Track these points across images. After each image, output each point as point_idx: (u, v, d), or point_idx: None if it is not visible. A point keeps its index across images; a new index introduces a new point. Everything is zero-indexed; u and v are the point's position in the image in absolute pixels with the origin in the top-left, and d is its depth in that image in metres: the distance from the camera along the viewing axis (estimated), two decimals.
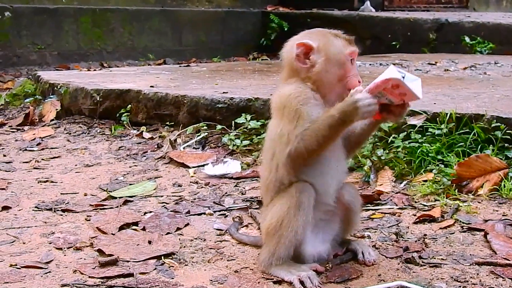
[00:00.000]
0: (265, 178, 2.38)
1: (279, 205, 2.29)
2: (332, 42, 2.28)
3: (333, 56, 2.26)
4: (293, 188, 2.27)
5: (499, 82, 5.17)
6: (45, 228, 2.87)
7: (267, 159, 2.36)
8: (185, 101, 4.64)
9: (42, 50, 8.58)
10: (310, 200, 2.27)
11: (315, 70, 2.26)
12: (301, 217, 2.26)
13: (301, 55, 2.27)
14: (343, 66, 2.26)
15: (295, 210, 2.25)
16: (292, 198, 2.26)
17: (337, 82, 2.27)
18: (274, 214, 2.30)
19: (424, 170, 3.41)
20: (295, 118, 2.20)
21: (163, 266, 2.44)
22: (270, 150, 2.34)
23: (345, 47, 2.27)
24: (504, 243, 2.58)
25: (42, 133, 4.91)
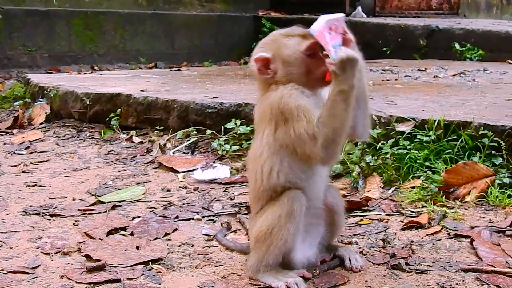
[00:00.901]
0: (257, 187, 2.35)
1: (270, 213, 2.29)
2: (284, 44, 2.29)
3: (288, 57, 2.27)
4: (284, 196, 2.27)
5: (488, 89, 5.20)
6: (32, 233, 2.86)
7: (256, 167, 2.33)
8: (175, 105, 4.65)
9: (32, 52, 8.56)
10: (302, 209, 2.27)
11: (278, 76, 2.28)
12: (292, 226, 2.26)
13: (262, 68, 2.30)
14: (303, 63, 2.27)
15: (286, 219, 2.25)
16: (283, 207, 2.25)
17: (306, 78, 2.27)
18: (264, 222, 2.30)
19: (412, 176, 3.43)
20: (302, 114, 2.17)
21: (151, 271, 2.44)
22: (261, 158, 2.30)
23: (299, 44, 2.27)
24: (490, 250, 2.59)
25: (31, 137, 4.90)
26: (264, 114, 2.29)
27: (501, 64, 7.83)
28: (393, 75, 6.45)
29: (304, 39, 2.28)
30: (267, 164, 2.29)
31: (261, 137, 2.30)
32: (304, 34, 2.29)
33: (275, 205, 2.28)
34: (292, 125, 2.19)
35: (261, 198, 2.35)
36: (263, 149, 2.29)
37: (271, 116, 2.25)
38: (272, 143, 2.27)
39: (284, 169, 2.27)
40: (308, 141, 2.16)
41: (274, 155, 2.27)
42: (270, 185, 2.30)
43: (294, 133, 2.19)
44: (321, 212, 2.42)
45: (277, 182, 2.29)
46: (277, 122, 2.23)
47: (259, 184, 2.33)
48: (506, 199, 3.13)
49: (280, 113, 2.21)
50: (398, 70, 6.95)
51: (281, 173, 2.28)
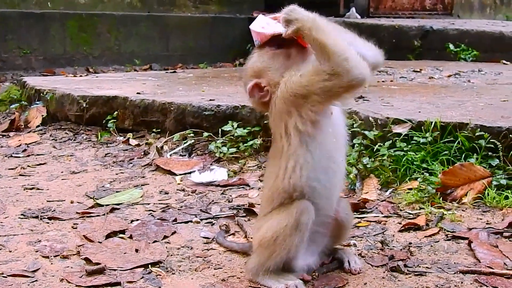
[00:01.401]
0: (274, 186, 2.32)
1: (276, 220, 2.28)
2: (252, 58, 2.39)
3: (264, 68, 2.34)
4: (294, 207, 2.26)
5: (483, 90, 5.22)
6: (31, 236, 2.86)
7: (279, 164, 2.30)
8: (172, 108, 4.65)
9: (27, 54, 8.54)
10: (309, 222, 2.27)
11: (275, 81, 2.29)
12: (296, 237, 2.26)
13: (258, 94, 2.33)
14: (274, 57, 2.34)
15: (292, 230, 2.25)
16: (291, 217, 2.25)
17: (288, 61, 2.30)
18: (270, 228, 2.29)
19: (409, 178, 3.45)
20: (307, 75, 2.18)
21: (150, 274, 2.44)
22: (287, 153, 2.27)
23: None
24: (488, 252, 2.61)
25: (28, 140, 4.90)
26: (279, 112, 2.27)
27: (496, 64, 7.86)
28: (389, 76, 6.47)
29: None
30: (292, 158, 2.25)
31: (285, 133, 2.26)
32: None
33: (283, 213, 2.28)
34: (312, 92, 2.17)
35: (276, 199, 2.32)
36: (289, 144, 2.25)
37: (288, 108, 2.23)
38: (296, 134, 2.24)
39: (307, 164, 2.24)
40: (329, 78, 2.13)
41: (299, 148, 2.23)
42: (291, 184, 2.26)
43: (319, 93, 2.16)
44: (330, 221, 2.42)
45: (298, 182, 2.26)
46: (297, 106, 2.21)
47: (279, 182, 2.29)
48: (503, 200, 3.15)
49: (294, 96, 2.20)
50: (393, 71, 6.97)
51: (304, 170, 2.24)
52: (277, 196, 2.32)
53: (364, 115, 3.87)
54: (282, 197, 2.31)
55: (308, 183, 2.27)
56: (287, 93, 2.23)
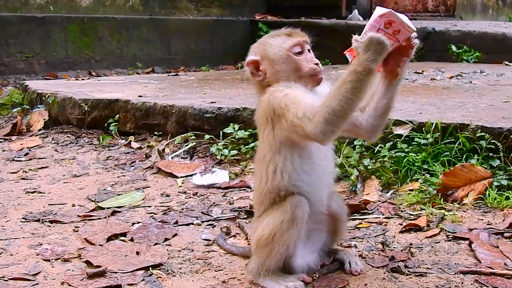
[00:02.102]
0: (260, 188, 2.37)
1: (272, 218, 2.30)
2: (270, 44, 2.34)
3: (274, 56, 2.32)
4: (288, 202, 2.28)
5: (484, 91, 5.22)
6: (32, 240, 2.87)
7: (262, 168, 2.35)
8: (173, 110, 4.66)
9: (29, 58, 8.56)
10: (304, 216, 2.28)
11: (268, 76, 2.33)
12: (293, 232, 2.27)
13: (253, 71, 2.36)
14: (289, 60, 2.31)
15: (289, 225, 2.26)
16: (286, 213, 2.26)
17: (294, 75, 2.30)
18: (266, 226, 2.31)
19: (410, 179, 3.45)
20: (290, 102, 2.18)
21: (151, 277, 2.45)
22: (266, 158, 2.32)
23: (285, 42, 2.32)
24: (488, 252, 2.61)
25: (30, 143, 4.91)
26: (261, 116, 2.32)
27: (498, 65, 7.85)
28: None
29: (289, 37, 2.33)
30: (271, 164, 2.30)
31: (263, 138, 2.33)
32: (290, 33, 2.35)
33: (277, 210, 2.29)
34: (284, 117, 2.20)
35: (265, 200, 2.36)
36: (266, 150, 2.32)
37: (267, 116, 2.27)
38: (272, 142, 2.29)
39: (287, 168, 2.28)
40: (300, 121, 2.14)
41: (276, 154, 2.29)
42: (274, 186, 2.31)
43: (287, 123, 2.18)
44: (323, 218, 2.44)
45: (281, 183, 2.29)
46: (273, 120, 2.25)
47: (263, 185, 2.34)
48: (504, 201, 3.15)
49: (273, 111, 2.23)
50: None
51: (285, 173, 2.28)
52: (265, 198, 2.35)
53: None
54: (270, 197, 2.33)
55: (291, 184, 2.29)
56: (268, 103, 2.25)
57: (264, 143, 2.33)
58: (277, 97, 2.22)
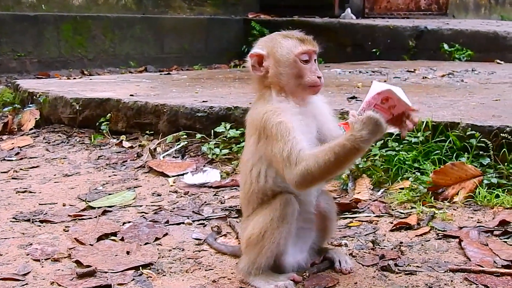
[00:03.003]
0: (246, 190, 2.37)
1: (262, 216, 2.30)
2: (280, 44, 2.31)
3: (281, 57, 2.30)
4: (277, 200, 2.28)
5: (476, 90, 5.24)
6: (22, 239, 2.86)
7: (246, 170, 2.37)
8: (165, 110, 4.65)
9: (22, 57, 8.53)
10: (294, 213, 2.29)
11: (269, 75, 2.31)
12: (284, 230, 2.27)
13: (255, 64, 2.33)
14: (294, 66, 2.28)
15: (279, 223, 2.26)
16: (276, 211, 2.27)
17: (295, 81, 2.29)
18: (256, 225, 2.31)
19: (401, 178, 3.45)
20: (280, 134, 2.19)
21: (141, 276, 2.44)
22: (249, 162, 2.34)
23: (295, 47, 2.29)
24: (478, 250, 2.62)
25: (21, 143, 4.89)
26: (252, 123, 2.33)
27: (490, 64, 7.88)
28: (382, 77, 6.47)
29: (301, 43, 2.30)
30: (255, 168, 2.32)
31: (249, 143, 2.34)
32: (302, 38, 2.32)
33: (267, 209, 2.29)
34: (271, 143, 2.21)
35: (251, 201, 2.37)
36: (250, 155, 2.33)
37: (256, 127, 2.28)
38: (256, 150, 2.30)
39: (270, 173, 2.29)
40: (282, 162, 2.18)
41: (259, 161, 2.30)
42: (260, 188, 2.32)
43: (271, 151, 2.22)
44: (312, 217, 2.44)
45: (266, 185, 2.31)
46: (260, 134, 2.26)
47: (248, 187, 2.35)
48: (494, 199, 3.16)
49: (263, 128, 2.24)
50: (387, 71, 6.98)
51: (269, 177, 2.30)
52: (252, 198, 2.36)
53: None
54: (257, 197, 2.34)
55: (276, 185, 2.30)
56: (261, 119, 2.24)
57: (249, 148, 2.34)
58: (271, 121, 2.21)
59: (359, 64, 7.97)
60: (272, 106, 2.26)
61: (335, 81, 6.11)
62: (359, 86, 5.52)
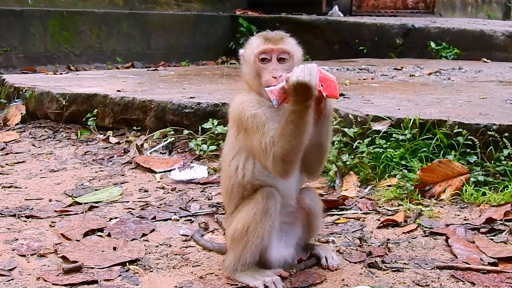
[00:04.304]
0: (227, 186, 2.39)
1: (245, 211, 2.31)
2: (249, 43, 2.35)
3: (247, 57, 2.33)
4: (259, 194, 2.29)
5: (462, 88, 5.26)
6: (8, 235, 2.84)
7: (226, 165, 2.38)
8: (152, 105, 4.63)
9: (7, 52, 8.46)
10: (277, 206, 2.30)
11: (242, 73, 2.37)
12: (267, 223, 2.28)
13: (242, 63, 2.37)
14: (254, 65, 2.29)
15: (262, 216, 2.27)
16: (258, 204, 2.27)
17: (255, 81, 2.29)
18: (240, 220, 2.31)
19: (388, 175, 3.46)
20: (256, 126, 2.21)
21: (128, 272, 2.43)
22: (228, 155, 2.36)
23: (257, 47, 2.29)
24: (464, 247, 2.63)
25: (7, 138, 4.86)
26: (230, 114, 2.36)
27: (476, 62, 7.92)
28: (370, 74, 6.49)
29: (264, 43, 2.28)
30: (234, 162, 2.34)
31: (229, 134, 2.38)
32: (268, 37, 2.30)
33: (250, 203, 2.30)
34: (250, 136, 2.24)
35: (233, 197, 2.38)
36: (230, 147, 2.36)
37: (234, 119, 2.31)
38: (235, 143, 2.33)
39: (248, 166, 2.31)
40: (262, 153, 2.21)
41: (237, 154, 2.33)
42: (239, 182, 2.33)
43: (251, 143, 2.24)
44: (296, 212, 2.44)
45: (245, 179, 2.32)
46: (239, 126, 2.29)
47: (228, 182, 2.37)
48: (480, 196, 3.17)
49: (240, 120, 2.26)
50: (374, 69, 7.00)
51: (247, 171, 2.31)
52: (233, 193, 2.37)
53: (344, 113, 3.88)
54: (238, 191, 2.35)
55: (255, 179, 2.31)
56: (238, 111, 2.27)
57: (229, 139, 2.38)
58: (246, 112, 2.23)
59: (346, 62, 7.98)
60: (248, 97, 2.28)
61: None
62: (346, 84, 5.53)
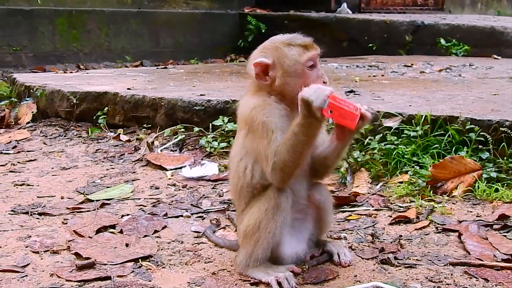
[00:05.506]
0: (235, 184, 2.39)
1: (256, 207, 2.30)
2: (285, 54, 2.27)
3: (289, 68, 2.26)
4: (270, 190, 2.28)
5: (474, 84, 5.24)
6: (21, 232, 2.85)
7: (235, 165, 2.38)
8: (162, 103, 4.64)
9: (17, 51, 8.50)
10: (288, 201, 2.29)
11: (277, 84, 2.27)
12: (279, 219, 2.27)
13: (260, 73, 2.28)
14: (302, 75, 2.26)
15: (274, 212, 2.26)
16: (270, 200, 2.27)
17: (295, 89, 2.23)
18: (251, 216, 2.31)
19: (399, 171, 3.45)
20: (265, 133, 2.21)
21: (141, 269, 2.44)
22: (237, 156, 2.36)
23: (301, 56, 2.26)
24: (477, 244, 2.62)
25: (18, 136, 4.88)
26: (241, 117, 2.34)
27: (487, 59, 7.89)
28: (380, 71, 6.48)
29: (305, 50, 2.27)
30: (242, 162, 2.33)
31: (239, 135, 2.37)
32: (305, 44, 2.28)
33: (261, 200, 2.30)
34: (257, 139, 2.24)
35: (242, 195, 2.38)
36: (238, 148, 2.35)
37: (245, 121, 2.30)
38: (244, 144, 2.33)
39: (257, 167, 2.30)
40: (264, 159, 2.23)
41: (246, 155, 2.32)
42: (248, 183, 2.33)
43: (257, 147, 2.25)
44: (307, 207, 2.44)
45: (253, 180, 2.32)
46: (248, 128, 2.28)
47: (236, 181, 2.37)
48: (493, 193, 3.16)
49: (251, 123, 2.26)
50: (384, 66, 6.98)
51: (255, 172, 2.31)
52: (243, 193, 2.37)
53: None
54: (247, 191, 2.35)
55: (264, 180, 2.30)
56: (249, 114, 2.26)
57: (238, 140, 2.37)
58: (257, 117, 2.23)
59: (356, 59, 7.97)
60: (260, 101, 2.26)
61: (332, 75, 6.10)
62: (356, 80, 5.52)
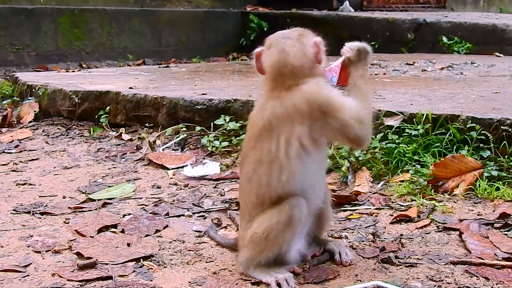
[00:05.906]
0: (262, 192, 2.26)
1: (268, 216, 2.25)
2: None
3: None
4: (286, 202, 2.22)
5: (475, 83, 5.24)
6: (23, 231, 2.86)
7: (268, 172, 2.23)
8: (164, 102, 4.65)
9: (20, 50, 8.51)
10: (302, 217, 2.25)
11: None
12: (289, 233, 2.24)
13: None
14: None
15: (284, 226, 2.22)
16: (282, 213, 2.21)
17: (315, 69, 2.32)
18: (261, 224, 2.26)
19: (401, 170, 3.45)
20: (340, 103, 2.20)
21: (142, 268, 2.44)
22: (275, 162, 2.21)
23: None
24: (478, 243, 2.62)
25: (20, 135, 4.89)
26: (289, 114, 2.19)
27: (489, 57, 7.89)
28: (381, 69, 6.48)
29: None
30: (287, 169, 2.21)
31: (280, 139, 2.20)
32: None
33: (274, 210, 2.24)
34: (334, 115, 2.17)
35: (266, 203, 2.27)
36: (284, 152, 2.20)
37: (302, 113, 2.17)
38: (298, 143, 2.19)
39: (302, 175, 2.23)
40: (356, 125, 2.19)
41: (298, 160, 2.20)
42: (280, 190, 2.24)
43: (338, 122, 2.17)
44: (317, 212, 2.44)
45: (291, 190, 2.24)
46: (313, 117, 2.17)
47: (265, 189, 2.25)
48: (494, 191, 3.16)
49: (318, 106, 2.17)
50: (386, 64, 6.98)
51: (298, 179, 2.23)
52: (267, 202, 2.27)
53: None
54: (271, 201, 2.26)
55: (299, 189, 2.26)
56: (308, 99, 2.18)
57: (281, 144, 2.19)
58: (323, 94, 2.18)
59: None
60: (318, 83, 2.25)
61: None
62: None
